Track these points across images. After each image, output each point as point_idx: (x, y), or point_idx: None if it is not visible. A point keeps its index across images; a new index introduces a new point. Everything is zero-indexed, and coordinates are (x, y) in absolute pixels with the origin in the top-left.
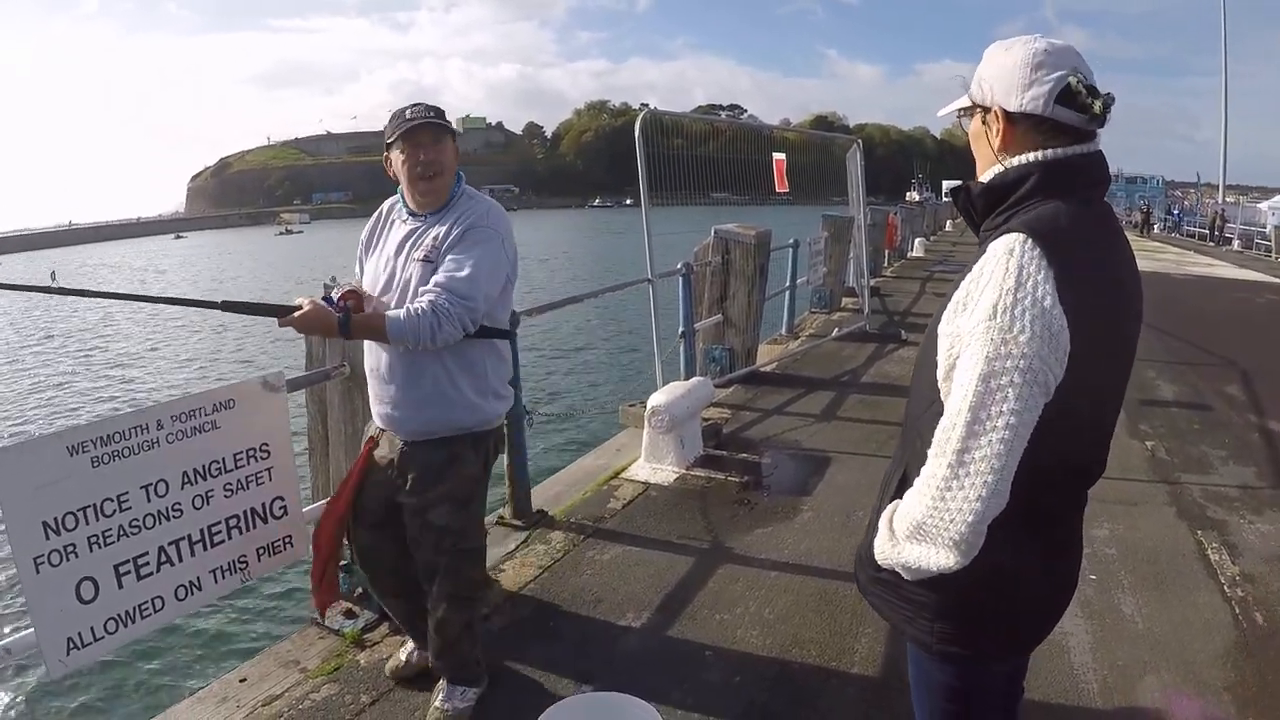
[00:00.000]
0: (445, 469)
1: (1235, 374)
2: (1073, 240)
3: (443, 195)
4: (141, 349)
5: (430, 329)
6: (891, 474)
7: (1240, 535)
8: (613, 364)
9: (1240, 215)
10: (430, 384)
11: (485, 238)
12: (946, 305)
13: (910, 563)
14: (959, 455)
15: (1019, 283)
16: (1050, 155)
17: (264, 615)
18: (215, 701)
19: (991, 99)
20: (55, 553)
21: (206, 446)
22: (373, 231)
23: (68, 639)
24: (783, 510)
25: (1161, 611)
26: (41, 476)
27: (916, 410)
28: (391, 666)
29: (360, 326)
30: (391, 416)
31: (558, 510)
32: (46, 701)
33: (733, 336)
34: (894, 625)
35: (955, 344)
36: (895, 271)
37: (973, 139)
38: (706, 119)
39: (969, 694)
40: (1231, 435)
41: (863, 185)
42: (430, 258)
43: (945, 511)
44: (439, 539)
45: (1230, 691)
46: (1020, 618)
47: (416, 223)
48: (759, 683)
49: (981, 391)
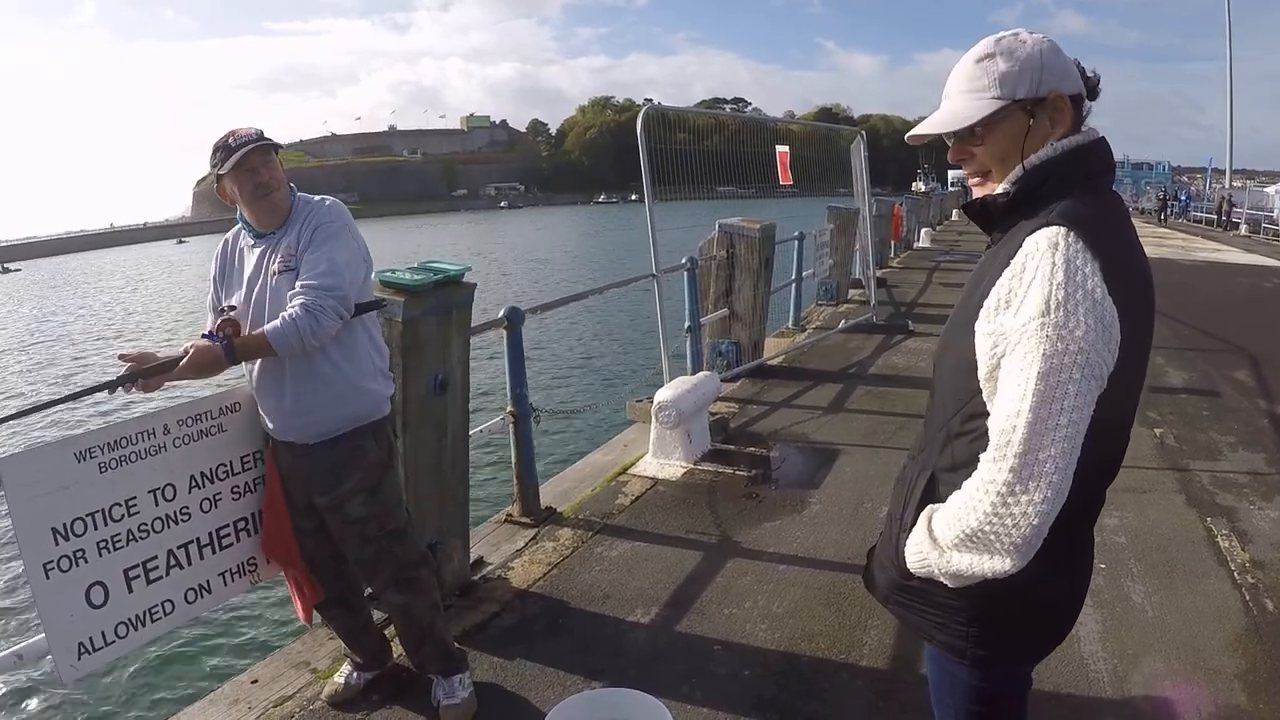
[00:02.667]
0: (348, 463)
1: (1244, 360)
2: (1109, 229)
3: (284, 208)
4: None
5: (310, 328)
6: (914, 479)
7: (1250, 522)
8: (618, 360)
9: (1248, 200)
10: (321, 385)
11: (333, 232)
12: (970, 304)
13: (961, 570)
14: (1022, 458)
15: (1069, 276)
16: (1082, 140)
17: (274, 617)
18: (227, 703)
19: (1049, 87)
20: (65, 558)
21: (213, 450)
22: (222, 268)
23: (79, 644)
24: (791, 504)
25: (1171, 599)
26: (49, 483)
27: (944, 414)
28: (329, 693)
29: (244, 348)
30: (288, 428)
31: (566, 507)
32: (57, 706)
33: (739, 330)
34: (921, 632)
35: (1000, 343)
36: (902, 262)
37: (996, 142)
38: (710, 113)
39: (996, 695)
40: (1240, 421)
41: (867, 177)
42: (290, 265)
43: (1008, 517)
44: (362, 529)
45: (1241, 679)
46: (1050, 617)
47: (265, 243)
48: (768, 676)
49: (1042, 390)
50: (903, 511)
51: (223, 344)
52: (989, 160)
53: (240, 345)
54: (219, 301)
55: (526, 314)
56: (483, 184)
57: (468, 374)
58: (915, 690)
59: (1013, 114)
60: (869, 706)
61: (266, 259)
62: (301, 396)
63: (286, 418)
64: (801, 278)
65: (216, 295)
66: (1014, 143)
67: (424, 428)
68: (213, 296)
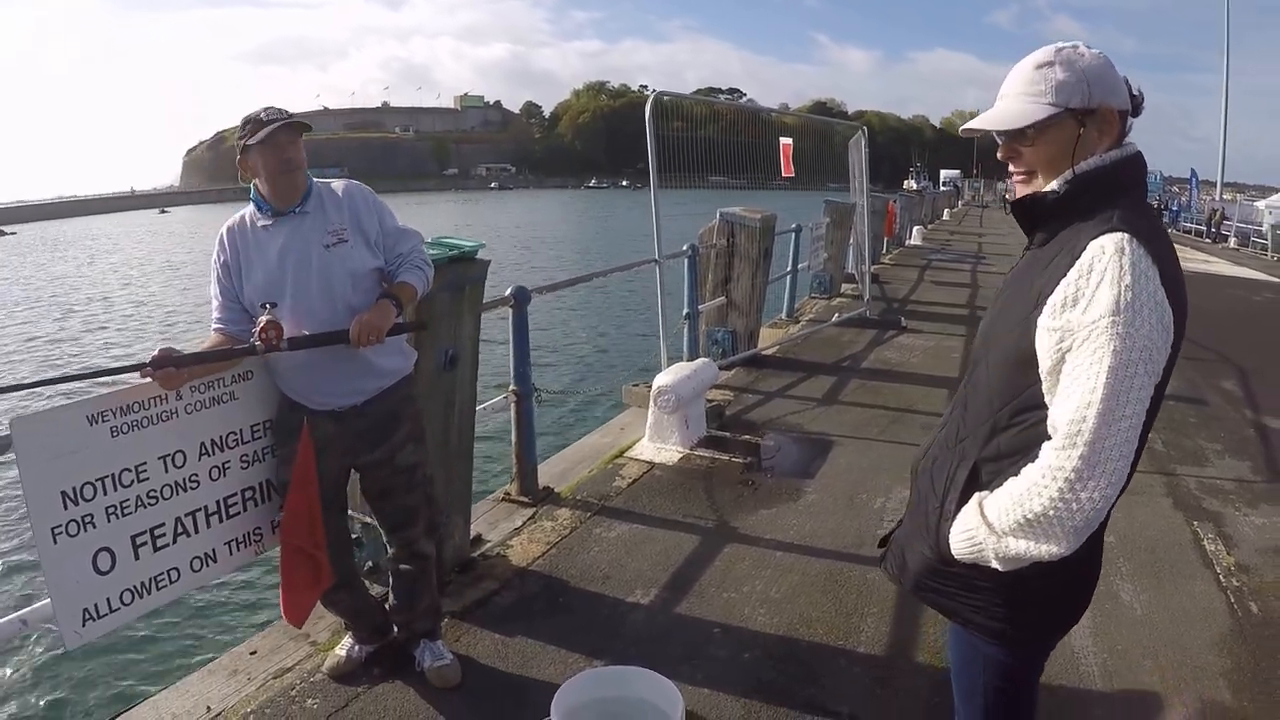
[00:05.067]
0: (400, 413)
1: (1232, 370)
2: (1162, 240)
3: (300, 188)
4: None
5: (430, 277)
6: (953, 469)
7: (1235, 527)
8: (612, 344)
9: (1237, 213)
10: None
11: (371, 196)
12: (1019, 303)
13: (1018, 553)
14: (1091, 446)
15: (1135, 279)
16: (1126, 153)
17: (269, 586)
18: (226, 674)
19: (1100, 100)
20: (73, 523)
21: (225, 418)
22: (238, 253)
23: (83, 610)
24: (786, 492)
25: (1159, 599)
26: (61, 446)
27: (989, 407)
28: (330, 665)
29: (407, 302)
30: (345, 393)
31: (564, 488)
32: (55, 672)
33: (736, 319)
34: (957, 617)
35: (1066, 339)
36: (894, 259)
37: (1046, 145)
38: (719, 103)
39: (1023, 672)
40: (1227, 430)
41: (867, 172)
42: (342, 237)
43: (1074, 502)
44: (410, 476)
45: (1226, 678)
46: (1078, 598)
47: (288, 221)
48: (767, 660)
49: (1112, 384)
50: (942, 501)
51: (391, 302)
52: (1036, 162)
53: (403, 295)
54: (237, 290)
55: (533, 293)
56: (475, 164)
57: (477, 351)
58: (912, 677)
59: (1065, 121)
60: (866, 692)
61: (301, 235)
62: (352, 364)
63: (337, 386)
64: (797, 270)
65: (233, 283)
66: (1063, 149)
67: (433, 403)
68: (224, 284)
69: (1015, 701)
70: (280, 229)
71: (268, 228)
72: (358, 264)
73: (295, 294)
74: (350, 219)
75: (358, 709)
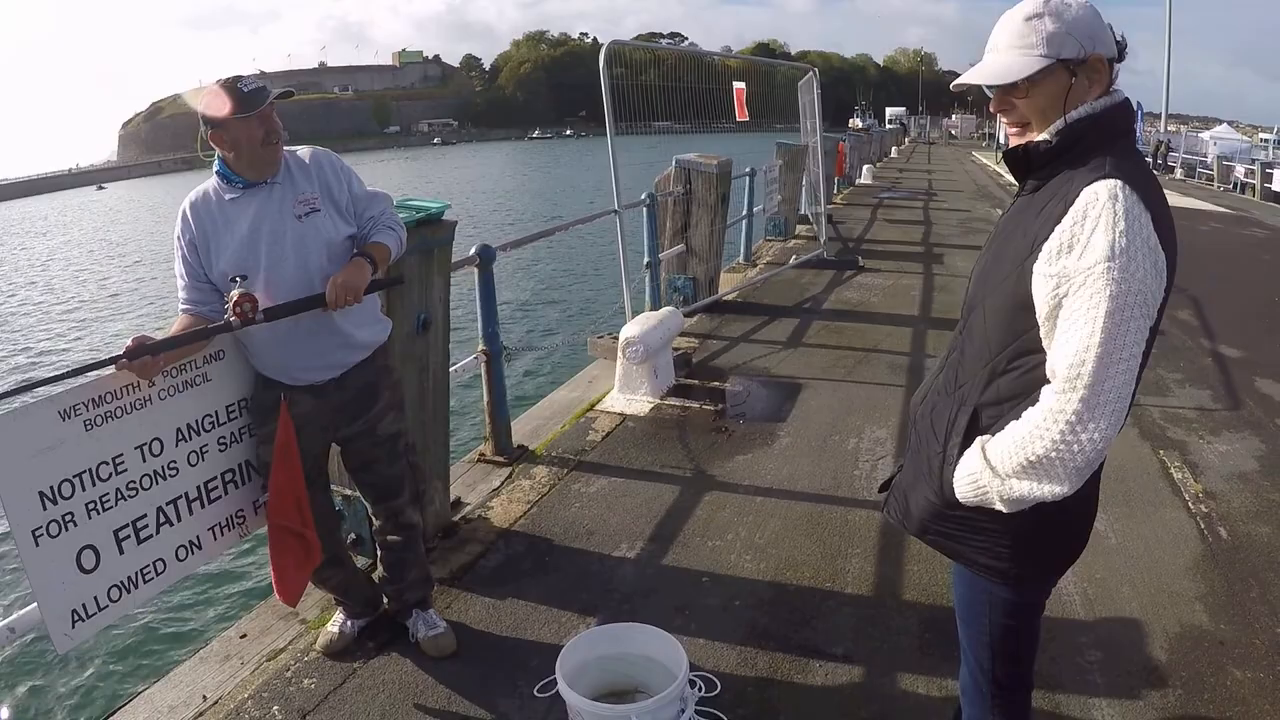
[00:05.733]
0: (379, 383)
1: (1186, 300)
2: (1153, 186)
3: (279, 158)
4: (99, 296)
5: (402, 239)
6: (953, 414)
7: (1200, 455)
8: (574, 296)
9: (1183, 144)
10: (352, 316)
11: (339, 161)
12: (1013, 249)
13: (1021, 495)
14: (1091, 389)
15: (1129, 225)
16: (1115, 100)
17: (251, 569)
18: (218, 660)
19: (1090, 50)
20: (54, 523)
21: (199, 400)
22: (205, 231)
23: (71, 611)
24: (760, 437)
25: (1132, 527)
26: (35, 444)
27: (986, 352)
28: (323, 643)
29: (381, 263)
30: (323, 366)
31: (537, 445)
32: (39, 675)
33: (695, 266)
34: (962, 558)
35: (1063, 284)
36: (845, 199)
37: (1039, 96)
38: (665, 48)
39: (1027, 608)
40: (1185, 360)
41: (820, 112)
42: (315, 206)
43: (1075, 444)
44: (392, 446)
45: (1201, 601)
46: (1079, 535)
47: (258, 192)
48: (758, 606)
49: (1109, 327)
50: (944, 446)
51: (366, 259)
52: (1030, 112)
53: (377, 255)
54: (206, 270)
55: (498, 251)
56: (416, 121)
57: (449, 313)
58: (900, 615)
59: (1057, 72)
60: (858, 632)
61: (272, 207)
62: (336, 333)
63: (317, 359)
64: (753, 213)
65: (201, 262)
66: (1055, 99)
67: (406, 368)
68: (191, 264)
69: (1020, 637)
70: (249, 201)
71: (235, 200)
72: (331, 233)
73: (270, 266)
74: (320, 187)
75: (356, 684)
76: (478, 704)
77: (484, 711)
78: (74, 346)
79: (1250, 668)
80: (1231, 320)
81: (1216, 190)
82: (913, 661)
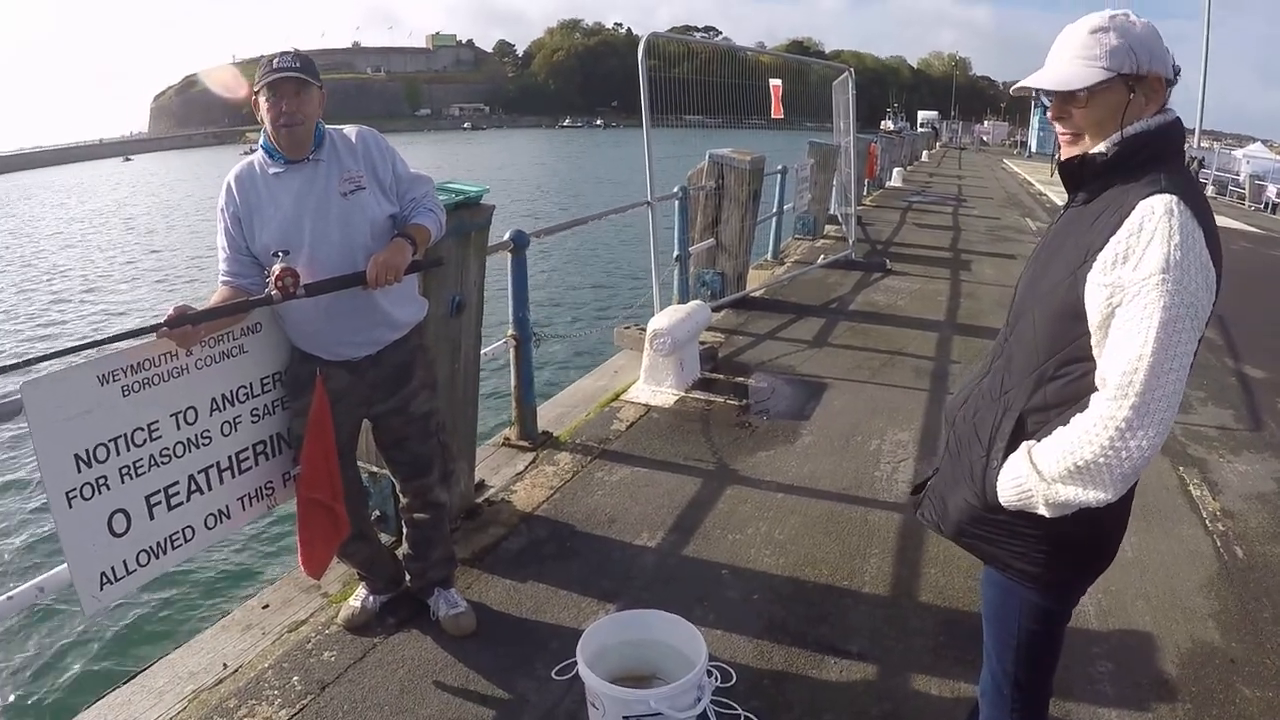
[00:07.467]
0: (413, 361)
1: (1212, 319)
2: (1204, 203)
3: (305, 142)
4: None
5: (442, 221)
6: (998, 420)
7: (1220, 473)
8: (600, 286)
9: (1215, 161)
10: (383, 295)
11: (384, 141)
12: (1065, 258)
13: (1067, 500)
14: (1142, 397)
15: (1184, 239)
16: (1169, 118)
17: (280, 540)
18: (240, 629)
19: (1150, 67)
20: (87, 485)
21: (235, 372)
22: (249, 204)
23: (100, 574)
24: (783, 434)
25: (1148, 542)
26: (73, 407)
27: (1034, 359)
28: (344, 617)
29: (421, 244)
30: (362, 342)
31: (562, 431)
32: (65, 635)
33: (724, 261)
34: (998, 562)
35: (1116, 294)
36: (875, 201)
37: (1096, 108)
38: (703, 43)
39: (1056, 614)
40: (1210, 378)
41: (854, 113)
42: (360, 184)
43: (1124, 450)
44: (425, 424)
45: (1215, 619)
46: (1111, 544)
47: (302, 169)
48: (776, 600)
49: (1162, 337)
50: (987, 450)
51: (406, 240)
52: (1086, 124)
53: (418, 236)
54: (248, 243)
55: (531, 237)
56: (447, 104)
57: (483, 297)
58: (918, 616)
59: (1116, 86)
60: (874, 631)
61: (318, 183)
62: (375, 310)
63: (352, 336)
64: (783, 211)
65: (242, 234)
66: (1113, 112)
67: (439, 349)
68: (233, 236)
69: (1045, 644)
70: (293, 176)
71: (279, 175)
72: (375, 211)
73: (314, 242)
74: (365, 166)
75: (376, 659)
76: (496, 684)
77: (502, 692)
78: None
79: (1260, 686)
80: (1257, 341)
81: (1247, 209)
82: (927, 663)
